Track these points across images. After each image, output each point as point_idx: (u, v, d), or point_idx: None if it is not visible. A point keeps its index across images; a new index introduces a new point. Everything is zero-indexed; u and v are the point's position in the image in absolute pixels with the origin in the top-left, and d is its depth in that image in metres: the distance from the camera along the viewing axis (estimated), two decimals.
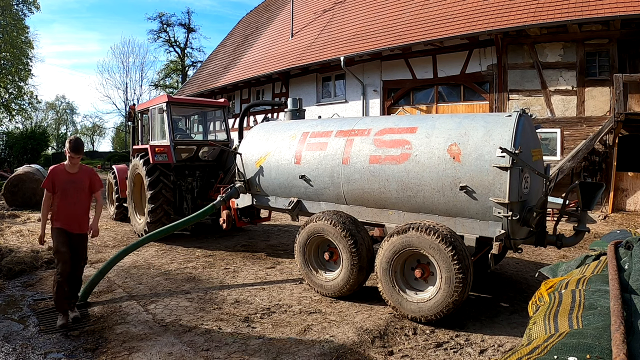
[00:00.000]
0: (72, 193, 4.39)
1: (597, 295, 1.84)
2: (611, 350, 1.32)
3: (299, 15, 20.11)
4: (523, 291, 5.15)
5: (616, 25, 10.42)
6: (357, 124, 5.27)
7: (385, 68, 14.38)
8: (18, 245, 7.31)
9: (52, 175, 4.37)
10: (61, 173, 4.40)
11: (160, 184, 7.64)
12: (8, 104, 29.49)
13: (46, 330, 4.06)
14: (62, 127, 61.37)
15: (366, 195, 4.92)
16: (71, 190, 4.39)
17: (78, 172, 4.47)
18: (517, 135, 4.00)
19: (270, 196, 6.08)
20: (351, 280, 4.69)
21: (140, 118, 9.55)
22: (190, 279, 5.68)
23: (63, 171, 4.41)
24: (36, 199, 11.99)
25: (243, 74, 19.44)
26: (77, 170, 4.47)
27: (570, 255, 6.63)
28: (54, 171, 4.42)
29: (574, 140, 11.04)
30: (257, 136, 6.29)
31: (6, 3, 26.38)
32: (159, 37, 43.44)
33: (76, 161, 4.38)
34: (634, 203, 10.44)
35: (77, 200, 4.43)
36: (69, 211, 4.38)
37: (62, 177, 4.38)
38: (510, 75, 11.91)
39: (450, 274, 3.92)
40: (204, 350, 3.63)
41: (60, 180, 4.36)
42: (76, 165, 4.45)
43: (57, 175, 4.39)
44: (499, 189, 3.97)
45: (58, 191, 4.36)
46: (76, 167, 4.45)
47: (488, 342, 3.77)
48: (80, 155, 4.40)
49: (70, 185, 4.38)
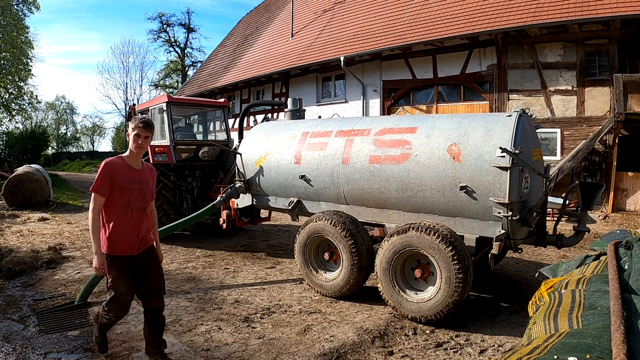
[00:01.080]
0: (137, 198, 3.12)
1: (597, 295, 1.84)
2: (611, 350, 1.32)
3: (299, 15, 20.10)
4: (523, 291, 5.15)
5: (616, 25, 10.42)
6: (357, 124, 5.27)
7: (385, 68, 14.38)
8: (18, 245, 7.31)
9: (110, 171, 3.02)
10: (122, 169, 3.07)
11: (160, 184, 7.63)
12: (8, 104, 29.47)
13: (46, 330, 4.06)
14: (62, 127, 61.36)
15: (366, 195, 4.92)
16: (135, 194, 3.10)
17: (143, 169, 3.23)
18: (517, 135, 4.00)
19: (270, 196, 6.08)
20: (351, 280, 4.69)
21: None
22: (190, 279, 5.68)
23: (124, 166, 3.09)
24: (36, 199, 12.01)
25: (243, 74, 19.44)
26: (142, 166, 3.22)
27: (570, 255, 6.62)
28: (111, 166, 3.03)
29: (574, 140, 11.04)
30: (257, 136, 6.29)
31: (6, 3, 26.37)
32: (159, 37, 43.43)
33: (145, 144, 3.12)
34: (634, 203, 10.44)
35: (142, 209, 3.16)
36: (131, 227, 3.09)
37: (123, 174, 3.06)
38: (510, 75, 11.91)
39: (450, 274, 3.92)
40: (204, 350, 3.63)
41: (121, 178, 3.04)
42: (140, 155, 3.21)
43: (117, 171, 3.03)
44: (499, 189, 3.97)
45: (115, 194, 3.04)
46: (140, 158, 3.22)
47: (488, 342, 3.77)
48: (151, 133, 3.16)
49: (135, 186, 3.10)
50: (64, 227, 9.22)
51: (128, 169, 3.12)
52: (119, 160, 3.12)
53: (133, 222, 3.11)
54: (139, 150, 3.14)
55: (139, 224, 3.14)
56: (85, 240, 7.97)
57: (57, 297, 4.97)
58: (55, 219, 10.33)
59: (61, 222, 9.97)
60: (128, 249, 3.09)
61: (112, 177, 3.01)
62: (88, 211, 3.01)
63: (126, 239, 3.08)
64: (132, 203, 3.08)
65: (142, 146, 3.12)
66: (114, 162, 3.08)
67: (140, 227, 3.14)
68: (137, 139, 3.10)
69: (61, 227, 9.21)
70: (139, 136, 3.10)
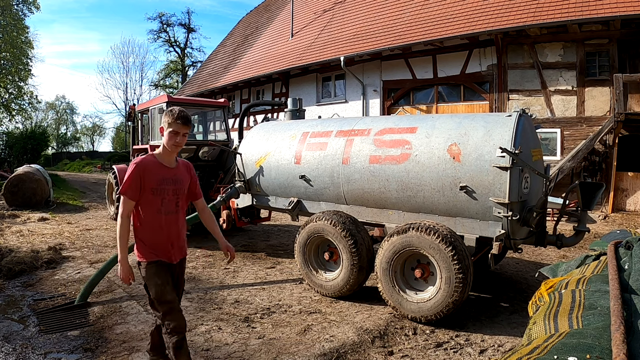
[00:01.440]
0: (171, 200, 2.79)
1: (597, 295, 1.84)
2: (611, 350, 1.32)
3: (299, 15, 20.10)
4: (523, 291, 5.15)
5: (616, 25, 10.42)
6: (357, 124, 5.27)
7: (385, 68, 14.38)
8: (18, 245, 7.31)
9: (141, 171, 2.69)
10: (154, 168, 2.74)
11: None
12: (8, 104, 29.48)
13: (46, 330, 4.06)
14: (62, 127, 61.37)
15: (366, 195, 4.92)
16: (169, 195, 2.77)
17: (178, 166, 2.88)
18: (517, 135, 4.00)
19: (270, 196, 6.07)
20: (351, 280, 4.68)
21: (140, 118, 9.55)
22: (190, 279, 5.67)
23: (157, 165, 2.76)
24: (36, 199, 12.00)
25: (243, 74, 19.44)
26: (176, 164, 2.87)
27: (570, 255, 6.62)
28: (142, 166, 2.70)
29: (574, 140, 11.04)
30: (257, 136, 6.29)
31: (6, 3, 26.36)
32: (159, 37, 43.46)
33: (183, 141, 2.77)
34: (634, 203, 10.44)
35: (176, 212, 2.84)
36: (167, 230, 2.79)
37: (155, 173, 2.74)
38: (510, 75, 11.91)
39: (450, 274, 3.92)
40: (204, 350, 3.63)
41: (154, 179, 2.72)
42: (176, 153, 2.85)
43: (148, 170, 2.71)
44: (499, 189, 3.97)
45: (147, 197, 2.71)
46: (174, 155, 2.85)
47: (488, 342, 3.77)
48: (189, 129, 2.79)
49: (169, 187, 2.77)
50: (64, 227, 9.22)
51: (161, 168, 2.76)
52: (150, 158, 2.76)
53: (167, 227, 2.77)
54: (175, 149, 2.78)
55: (173, 229, 2.81)
56: (85, 240, 7.97)
57: (57, 297, 4.97)
58: (55, 219, 10.33)
59: (61, 222, 9.97)
60: (164, 253, 2.79)
61: (142, 178, 2.68)
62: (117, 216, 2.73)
63: (160, 246, 2.77)
64: (165, 205, 2.75)
65: (179, 144, 2.75)
66: (145, 162, 2.72)
67: (172, 233, 2.81)
68: (174, 137, 2.72)
69: (61, 227, 9.21)
70: (177, 134, 2.72)
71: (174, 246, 2.83)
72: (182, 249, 2.94)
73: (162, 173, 2.76)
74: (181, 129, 2.72)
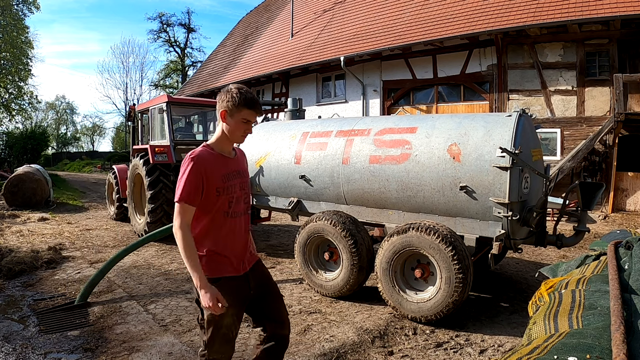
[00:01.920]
0: (240, 198, 2.31)
1: (597, 295, 1.84)
2: (611, 350, 1.32)
3: (299, 15, 20.10)
4: (523, 291, 5.15)
5: (616, 25, 10.42)
6: (357, 124, 5.27)
7: (385, 68, 14.38)
8: (18, 245, 7.31)
9: (202, 168, 2.13)
10: (216, 162, 2.21)
11: (160, 184, 7.64)
12: (8, 104, 29.48)
13: (46, 330, 4.06)
14: (62, 127, 61.37)
15: (366, 195, 4.92)
16: (237, 192, 2.28)
17: (237, 156, 2.39)
18: (517, 135, 4.00)
19: (270, 196, 6.08)
20: (351, 280, 4.68)
21: (140, 118, 9.55)
22: (190, 279, 5.67)
23: (217, 158, 2.23)
24: (36, 199, 12.00)
25: (243, 74, 19.44)
26: (235, 153, 2.38)
27: (570, 255, 6.62)
28: (201, 161, 2.14)
29: (574, 140, 11.04)
30: (257, 136, 6.29)
31: (6, 3, 26.37)
32: (159, 37, 43.42)
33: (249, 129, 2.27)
34: (634, 203, 10.44)
35: (245, 212, 2.37)
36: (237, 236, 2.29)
37: (219, 168, 2.21)
38: (510, 75, 11.91)
39: (450, 274, 3.92)
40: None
41: (217, 175, 2.19)
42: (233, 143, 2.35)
43: (210, 168, 2.17)
44: (499, 189, 3.97)
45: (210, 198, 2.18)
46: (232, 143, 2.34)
47: (488, 342, 3.77)
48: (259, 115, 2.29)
49: (236, 181, 2.28)
50: (64, 227, 9.22)
51: (223, 161, 2.24)
52: (207, 151, 2.21)
53: (237, 230, 2.28)
54: (242, 139, 2.28)
55: (243, 234, 2.33)
56: (85, 240, 7.98)
57: (57, 297, 4.97)
58: (55, 219, 10.33)
59: (61, 222, 9.97)
60: (234, 267, 2.27)
61: (204, 177, 2.13)
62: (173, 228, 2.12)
63: (231, 255, 2.25)
64: (233, 206, 2.24)
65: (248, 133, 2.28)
66: (203, 156, 2.16)
67: (242, 238, 2.33)
68: (245, 125, 2.23)
69: (61, 227, 9.21)
70: (249, 122, 2.23)
71: (244, 254, 2.33)
72: (254, 255, 2.46)
73: (225, 166, 2.24)
74: (254, 117, 2.24)
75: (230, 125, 2.22)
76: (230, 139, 2.26)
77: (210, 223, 2.21)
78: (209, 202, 2.18)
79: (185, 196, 2.10)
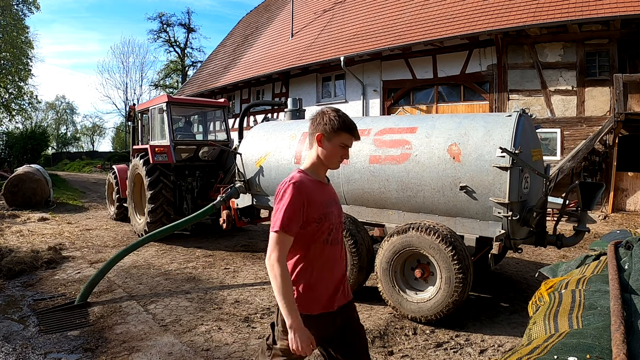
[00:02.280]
0: (337, 226, 2.14)
1: (597, 295, 1.83)
2: (611, 350, 1.32)
3: (299, 15, 20.10)
4: (523, 291, 5.15)
5: (616, 25, 10.42)
6: (357, 124, 5.25)
7: (385, 68, 14.38)
8: (18, 245, 7.31)
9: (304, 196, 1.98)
10: (315, 189, 2.06)
11: (160, 184, 7.64)
12: (8, 104, 29.49)
13: (46, 330, 4.06)
14: (62, 127, 61.39)
15: (366, 195, 4.92)
16: (335, 220, 2.12)
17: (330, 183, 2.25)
18: (517, 135, 4.00)
19: (270, 196, 6.07)
20: (351, 280, 4.68)
21: (140, 118, 9.56)
22: (190, 279, 5.68)
23: (315, 184, 2.08)
24: (36, 199, 12.01)
25: (243, 74, 19.44)
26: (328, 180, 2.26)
27: (570, 255, 6.62)
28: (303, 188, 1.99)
29: (574, 140, 11.04)
30: (257, 136, 6.29)
31: (6, 3, 26.37)
32: (159, 37, 43.43)
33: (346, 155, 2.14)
34: (634, 203, 10.44)
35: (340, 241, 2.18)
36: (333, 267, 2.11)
37: (318, 196, 2.06)
38: (510, 75, 11.91)
39: (450, 274, 3.92)
40: (204, 350, 3.63)
41: (318, 203, 2.04)
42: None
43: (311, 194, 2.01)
44: (499, 189, 3.97)
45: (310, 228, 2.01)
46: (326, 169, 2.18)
47: (488, 342, 3.77)
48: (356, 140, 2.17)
49: (334, 209, 2.13)
50: (64, 227, 9.22)
51: (320, 187, 2.10)
52: (306, 177, 2.05)
53: (332, 261, 2.10)
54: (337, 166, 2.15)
55: (339, 265, 2.14)
56: (85, 240, 7.98)
57: (57, 297, 4.97)
58: (55, 219, 10.33)
59: (61, 222, 9.97)
60: (324, 304, 2.04)
61: (306, 206, 1.98)
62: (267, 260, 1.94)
63: (324, 290, 2.04)
64: (333, 233, 2.09)
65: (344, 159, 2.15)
66: (304, 182, 2.01)
67: (339, 270, 2.14)
68: (342, 150, 2.09)
69: (61, 227, 9.21)
70: (346, 148, 2.11)
71: (338, 289, 2.11)
72: (348, 292, 2.18)
73: (323, 193, 2.10)
74: (351, 141, 2.12)
75: (327, 150, 2.07)
76: (326, 164, 2.11)
77: (305, 255, 2.03)
78: (307, 231, 2.02)
79: (286, 225, 1.93)
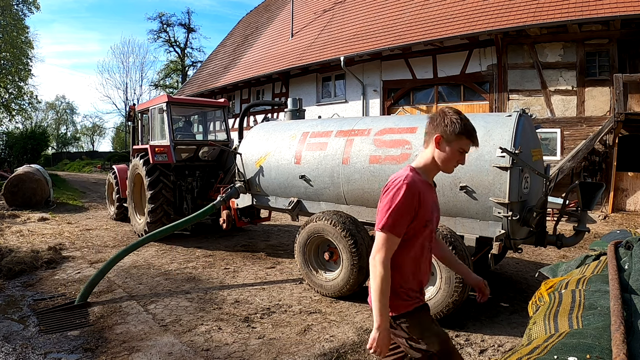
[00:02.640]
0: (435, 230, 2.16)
1: (597, 295, 1.83)
2: (611, 350, 1.32)
3: (299, 15, 20.10)
4: (523, 291, 5.15)
5: (616, 25, 10.42)
6: (357, 124, 5.27)
7: (385, 68, 14.38)
8: (18, 245, 7.31)
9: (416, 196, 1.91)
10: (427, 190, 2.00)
11: (160, 184, 7.64)
12: (8, 104, 29.49)
13: (46, 330, 4.06)
14: (62, 127, 61.39)
15: (366, 195, 4.92)
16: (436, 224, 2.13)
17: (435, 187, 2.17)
18: (517, 135, 4.00)
19: (270, 196, 6.08)
20: (351, 280, 4.68)
21: (140, 118, 9.55)
22: (190, 279, 5.67)
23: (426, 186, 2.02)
24: (36, 199, 12.01)
25: (243, 74, 19.44)
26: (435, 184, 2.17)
27: (570, 255, 6.62)
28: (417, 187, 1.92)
29: (574, 140, 11.04)
30: (257, 136, 6.29)
31: (6, 3, 26.37)
32: (159, 37, 43.46)
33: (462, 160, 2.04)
34: (634, 203, 10.44)
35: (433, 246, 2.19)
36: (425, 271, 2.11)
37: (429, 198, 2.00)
38: (510, 75, 11.91)
39: (450, 274, 3.92)
40: (204, 350, 3.63)
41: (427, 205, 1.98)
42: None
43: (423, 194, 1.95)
44: (499, 189, 3.97)
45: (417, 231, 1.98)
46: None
47: (488, 342, 3.77)
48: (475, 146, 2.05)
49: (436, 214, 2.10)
50: (64, 227, 9.22)
51: (429, 190, 2.02)
52: (418, 177, 1.97)
53: (425, 267, 2.09)
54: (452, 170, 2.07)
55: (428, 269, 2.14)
56: (85, 240, 7.98)
57: (57, 297, 4.97)
58: (55, 219, 10.33)
59: (61, 222, 9.97)
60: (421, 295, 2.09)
61: (418, 206, 1.91)
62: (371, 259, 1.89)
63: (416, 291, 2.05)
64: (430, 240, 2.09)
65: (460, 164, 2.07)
66: (417, 182, 1.94)
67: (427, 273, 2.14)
68: (460, 156, 2.00)
69: (61, 227, 9.21)
70: (464, 153, 2.01)
71: (423, 292, 2.11)
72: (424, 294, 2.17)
73: (432, 197, 2.03)
74: (469, 148, 2.02)
75: (445, 154, 1.98)
76: (442, 167, 2.03)
77: (406, 258, 1.98)
78: (413, 234, 1.96)
79: (394, 226, 1.87)
